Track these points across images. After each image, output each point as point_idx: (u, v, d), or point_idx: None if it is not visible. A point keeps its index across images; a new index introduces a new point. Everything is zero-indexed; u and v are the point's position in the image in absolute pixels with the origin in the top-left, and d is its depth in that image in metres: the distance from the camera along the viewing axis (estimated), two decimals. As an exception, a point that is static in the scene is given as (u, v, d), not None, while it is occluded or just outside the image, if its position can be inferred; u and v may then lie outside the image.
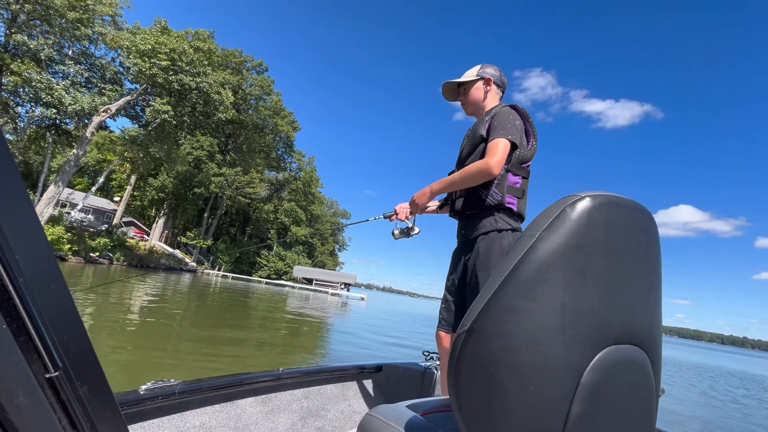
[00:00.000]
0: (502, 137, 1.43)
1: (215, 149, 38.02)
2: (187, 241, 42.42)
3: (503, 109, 1.53)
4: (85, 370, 0.46)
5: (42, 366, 0.41)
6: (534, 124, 1.60)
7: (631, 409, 0.60)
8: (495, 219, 1.49)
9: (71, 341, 0.44)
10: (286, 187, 54.35)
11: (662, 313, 0.66)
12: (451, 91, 1.80)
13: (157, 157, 26.87)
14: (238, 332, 8.37)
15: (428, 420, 0.77)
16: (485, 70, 1.71)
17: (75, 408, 0.45)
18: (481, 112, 1.69)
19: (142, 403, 1.10)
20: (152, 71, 22.34)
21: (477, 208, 1.53)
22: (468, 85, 1.72)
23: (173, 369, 4.90)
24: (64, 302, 0.43)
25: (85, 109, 21.09)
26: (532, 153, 1.56)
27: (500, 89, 1.72)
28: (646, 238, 0.60)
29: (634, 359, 0.59)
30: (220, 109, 26.65)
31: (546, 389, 0.52)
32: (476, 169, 1.42)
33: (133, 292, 12.55)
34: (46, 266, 0.41)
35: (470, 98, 1.71)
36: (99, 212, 40.20)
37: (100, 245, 27.42)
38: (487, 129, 1.52)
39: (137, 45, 21.93)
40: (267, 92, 44.11)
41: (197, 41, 26.53)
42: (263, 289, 29.29)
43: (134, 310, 9.01)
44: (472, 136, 1.59)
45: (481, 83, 1.69)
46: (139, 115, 26.83)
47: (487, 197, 1.50)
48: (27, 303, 0.38)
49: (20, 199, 0.38)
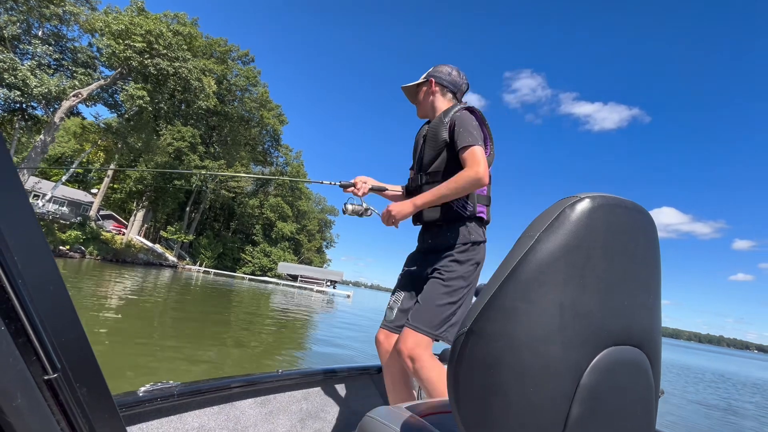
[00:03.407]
0: (475, 144, 1.37)
1: (197, 140, 36.78)
2: (168, 235, 41.06)
3: (464, 114, 1.47)
4: (83, 371, 0.46)
5: (40, 367, 0.41)
6: (489, 127, 1.54)
7: (630, 410, 0.60)
8: (468, 230, 1.45)
9: (70, 343, 0.44)
10: (272, 181, 53.24)
11: (662, 314, 0.66)
12: (410, 94, 1.75)
13: (136, 147, 25.59)
14: (207, 334, 7.59)
15: (428, 422, 0.76)
16: (434, 71, 1.66)
17: (74, 410, 0.45)
18: (432, 114, 1.66)
19: (141, 404, 1.10)
20: (126, 54, 21.07)
21: (449, 218, 1.48)
22: (419, 87, 1.70)
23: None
24: (63, 303, 0.43)
25: (52, 92, 19.71)
26: (491, 158, 1.52)
27: (450, 90, 1.65)
28: (646, 240, 0.61)
29: (633, 360, 0.59)
30: (201, 96, 25.54)
31: (546, 390, 0.52)
32: (466, 181, 1.34)
33: (103, 288, 11.61)
34: (45, 267, 0.41)
35: (421, 101, 1.69)
36: (74, 204, 38.54)
37: (71, 238, 26.12)
38: (450, 133, 1.46)
39: (110, 25, 20.64)
40: (253, 83, 43.03)
41: (177, 25, 25.17)
42: (246, 285, 28.38)
43: (98, 308, 8.14)
44: (433, 140, 1.53)
45: (428, 85, 1.66)
46: (118, 104, 25.46)
47: (459, 208, 1.46)
48: (26, 304, 0.38)
49: (18, 200, 0.38)
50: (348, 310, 21.51)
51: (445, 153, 1.49)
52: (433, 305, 1.37)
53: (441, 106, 1.62)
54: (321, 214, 67.05)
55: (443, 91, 1.64)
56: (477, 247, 1.44)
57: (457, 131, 1.41)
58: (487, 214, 1.50)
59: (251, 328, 9.42)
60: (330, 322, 14.14)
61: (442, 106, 1.62)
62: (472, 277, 1.43)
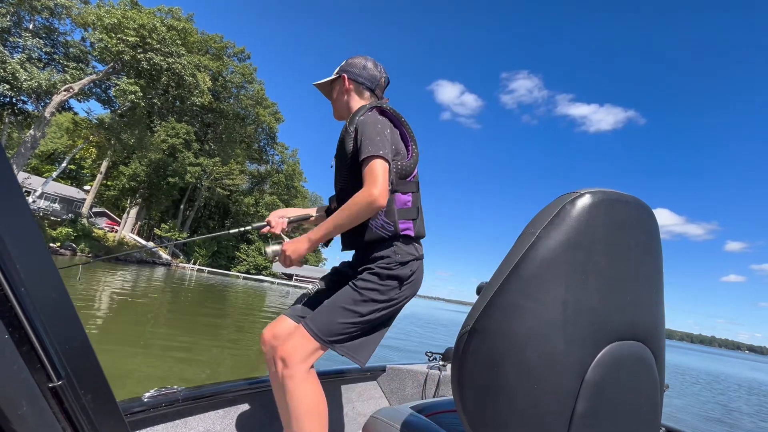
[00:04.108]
0: (374, 156, 1.17)
1: (192, 137, 36.39)
2: (161, 233, 40.64)
3: (368, 117, 1.26)
4: (88, 378, 0.46)
5: (45, 375, 0.41)
6: (409, 125, 1.35)
7: (635, 405, 0.60)
8: (394, 251, 1.25)
9: (74, 350, 0.44)
10: (268, 180, 52.98)
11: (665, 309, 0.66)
12: (327, 92, 1.52)
13: (130, 143, 25.22)
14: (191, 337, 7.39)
15: (433, 421, 0.76)
16: (346, 65, 1.44)
17: (79, 417, 0.45)
18: (347, 116, 1.42)
19: (146, 410, 1.09)
20: (118, 48, 20.70)
21: (371, 242, 1.27)
22: (333, 84, 1.48)
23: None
24: (66, 310, 0.43)
25: (42, 86, 19.32)
26: (414, 161, 1.32)
27: (367, 87, 1.42)
28: (647, 235, 0.60)
29: (637, 355, 0.59)
30: (195, 93, 25.16)
31: (550, 387, 0.52)
32: (360, 206, 1.16)
33: (94, 287, 11.37)
34: (47, 275, 0.41)
35: (335, 101, 1.48)
36: (66, 201, 38.04)
37: (62, 235, 25.73)
38: (354, 143, 1.26)
39: (102, 19, 20.28)
40: (249, 80, 42.71)
41: (171, 20, 24.80)
42: (240, 284, 28.11)
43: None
44: (341, 154, 1.33)
45: (341, 82, 1.44)
46: (111, 100, 25.06)
47: (377, 229, 1.25)
48: (29, 312, 0.38)
49: (20, 208, 0.38)
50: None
51: (354, 168, 1.27)
52: (337, 309, 1.19)
53: (356, 105, 1.41)
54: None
55: (358, 89, 1.42)
56: (404, 266, 1.24)
57: (360, 141, 1.21)
58: (415, 228, 1.29)
59: (245, 328, 9.23)
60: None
61: (357, 105, 1.40)
62: (392, 294, 1.23)
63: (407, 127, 1.35)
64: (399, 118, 1.33)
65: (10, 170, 0.36)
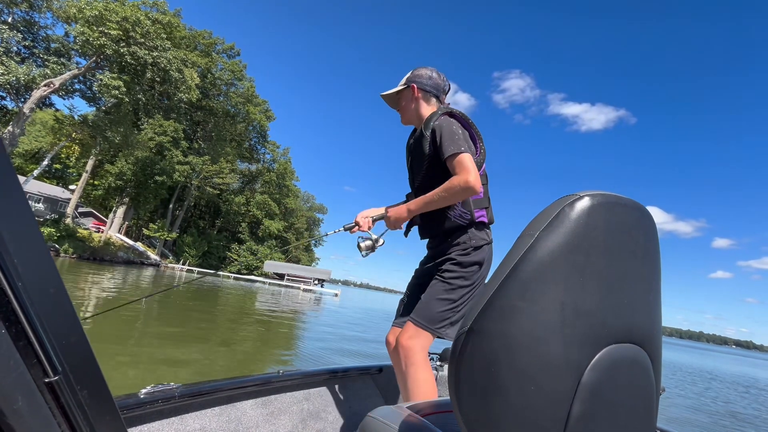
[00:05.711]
0: (459, 152, 1.34)
1: (180, 135, 35.61)
2: (150, 233, 39.81)
3: (442, 121, 1.43)
4: (84, 374, 0.46)
5: (41, 370, 0.41)
6: (476, 125, 1.51)
7: (631, 408, 0.61)
8: (469, 237, 1.44)
9: (71, 345, 0.44)
10: (259, 178, 52.30)
11: (662, 312, 0.67)
12: (392, 101, 1.70)
13: (116, 141, 24.48)
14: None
15: (429, 421, 0.77)
16: (413, 76, 1.61)
17: (75, 412, 0.45)
18: (417, 122, 1.62)
19: (142, 406, 1.10)
20: (100, 41, 19.97)
21: (449, 230, 1.46)
22: (401, 94, 1.64)
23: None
24: (64, 306, 0.43)
25: (20, 80, 18.60)
26: (483, 157, 1.50)
27: (432, 94, 1.60)
28: (645, 238, 0.61)
29: (634, 358, 0.60)
30: (182, 88, 24.48)
31: (547, 389, 0.53)
32: (455, 190, 1.33)
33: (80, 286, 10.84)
34: (45, 270, 0.41)
35: (403, 108, 1.64)
36: (51, 201, 37.08)
37: (44, 236, 24.87)
38: (432, 146, 1.44)
39: (83, 11, 19.54)
40: (238, 78, 42.05)
41: (156, 13, 24.02)
42: (230, 284, 27.57)
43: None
44: (419, 156, 1.52)
45: (409, 91, 1.60)
46: (96, 97, 24.28)
47: (456, 218, 1.44)
48: (26, 307, 0.38)
49: (18, 203, 0.38)
50: (335, 308, 20.98)
51: (433, 168, 1.46)
52: (433, 301, 1.39)
53: (425, 112, 1.58)
54: (309, 212, 66.13)
55: (426, 96, 1.59)
56: (478, 251, 1.43)
57: (442, 143, 1.38)
58: (487, 215, 1.49)
59: (235, 328, 8.83)
60: (320, 320, 13.60)
61: (427, 113, 1.57)
62: (475, 277, 1.43)
63: (474, 127, 1.50)
64: (467, 120, 1.48)
65: (8, 164, 0.36)
